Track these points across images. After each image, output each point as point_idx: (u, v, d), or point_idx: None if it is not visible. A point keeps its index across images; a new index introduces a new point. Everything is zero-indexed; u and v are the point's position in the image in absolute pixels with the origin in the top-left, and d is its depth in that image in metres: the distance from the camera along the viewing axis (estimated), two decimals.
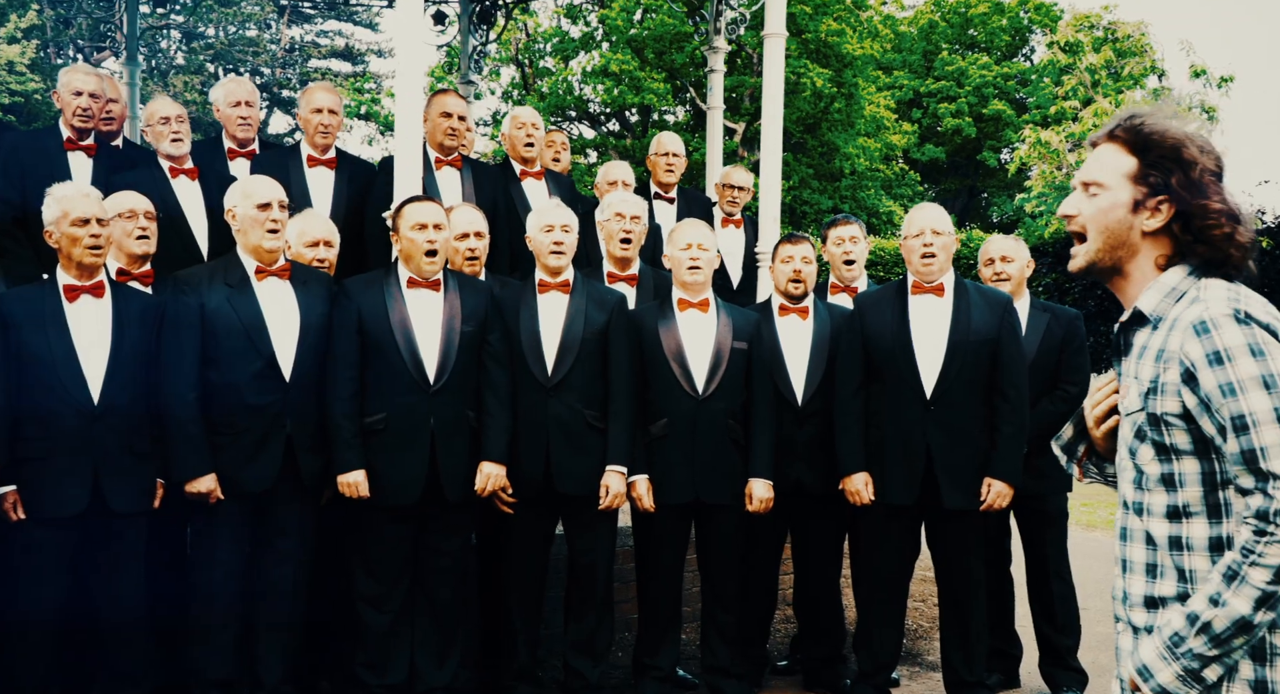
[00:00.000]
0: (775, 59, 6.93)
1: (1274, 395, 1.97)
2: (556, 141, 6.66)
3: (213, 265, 4.45)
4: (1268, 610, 1.98)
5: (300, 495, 4.49)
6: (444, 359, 4.55)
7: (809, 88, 23.74)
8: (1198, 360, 2.05)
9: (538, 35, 23.91)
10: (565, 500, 4.79)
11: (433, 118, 5.64)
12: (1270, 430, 1.97)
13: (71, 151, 5.25)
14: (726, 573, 5.01)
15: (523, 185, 5.95)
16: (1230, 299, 2.08)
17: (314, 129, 5.50)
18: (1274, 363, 1.99)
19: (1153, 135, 2.17)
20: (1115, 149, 2.22)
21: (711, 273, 4.99)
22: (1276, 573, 1.96)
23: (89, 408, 4.10)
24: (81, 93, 5.21)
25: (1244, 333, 2.02)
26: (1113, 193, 2.20)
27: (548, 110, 22.88)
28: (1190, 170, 2.14)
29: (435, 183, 5.60)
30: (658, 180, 6.58)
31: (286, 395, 4.39)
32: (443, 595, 4.70)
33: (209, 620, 4.39)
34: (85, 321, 4.14)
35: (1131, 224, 2.18)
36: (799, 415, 5.06)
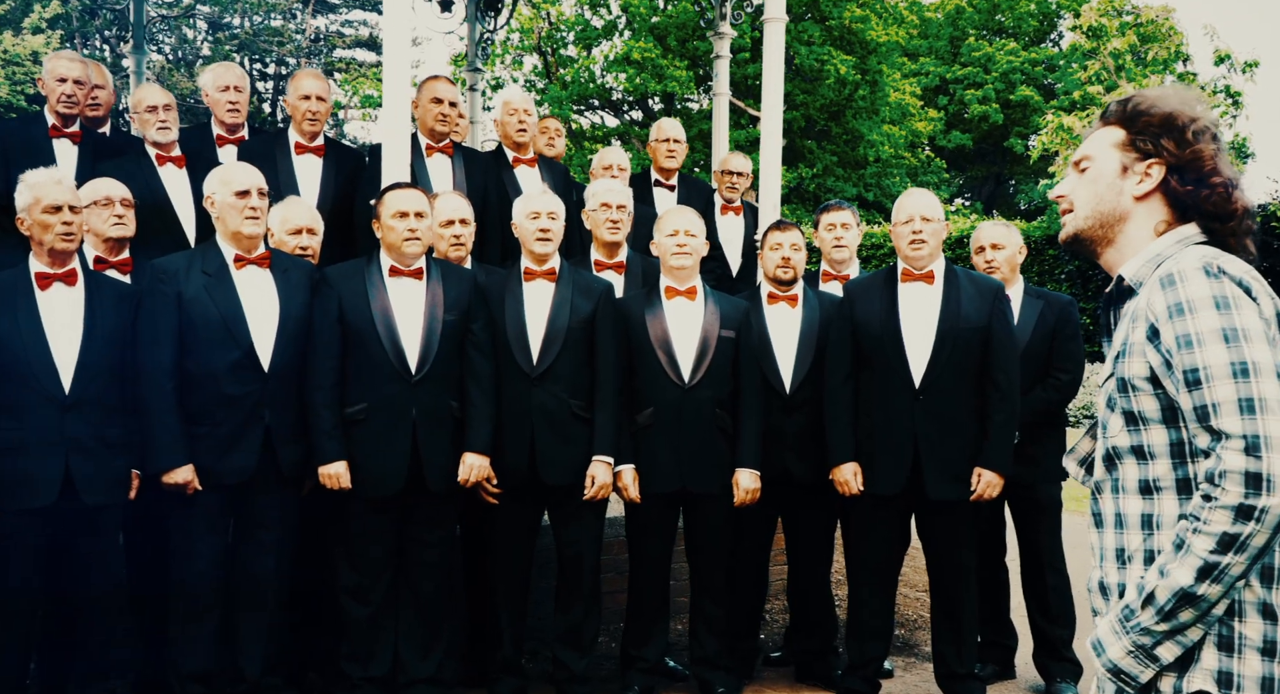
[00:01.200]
0: (775, 44, 6.85)
1: (1233, 349, 1.85)
2: (550, 127, 6.59)
3: (191, 253, 4.41)
4: (1213, 582, 1.84)
5: (280, 486, 4.44)
6: (426, 348, 4.50)
7: (833, 75, 23.61)
8: (1160, 313, 1.94)
9: (560, 24, 23.83)
10: (551, 491, 4.73)
11: (423, 104, 5.59)
12: (1224, 386, 1.84)
13: (56, 139, 5.23)
14: (714, 564, 4.94)
15: (515, 172, 5.89)
16: (1207, 255, 1.97)
17: (301, 116, 5.46)
18: (1239, 317, 1.87)
19: (1141, 109, 2.12)
20: (1108, 128, 2.17)
21: (699, 260, 4.92)
22: (1220, 540, 1.82)
23: (60, 397, 4.06)
24: (65, 79, 5.19)
25: (1211, 285, 1.90)
26: (1099, 162, 2.14)
27: (570, 98, 22.84)
28: (1184, 133, 2.06)
29: (425, 170, 5.56)
30: (658, 167, 6.51)
31: (265, 385, 4.34)
32: (426, 587, 4.66)
33: (188, 613, 4.36)
34: (57, 309, 4.10)
35: (1120, 188, 2.11)
36: (788, 404, 4.98)
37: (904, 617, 6.25)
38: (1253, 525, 1.80)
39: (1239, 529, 1.81)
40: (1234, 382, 1.83)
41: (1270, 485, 1.79)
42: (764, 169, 6.65)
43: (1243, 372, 1.83)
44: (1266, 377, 1.84)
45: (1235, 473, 1.81)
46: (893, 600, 5.01)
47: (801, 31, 23.68)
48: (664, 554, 4.93)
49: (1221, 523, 1.82)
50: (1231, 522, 1.81)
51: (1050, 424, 5.10)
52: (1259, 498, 1.79)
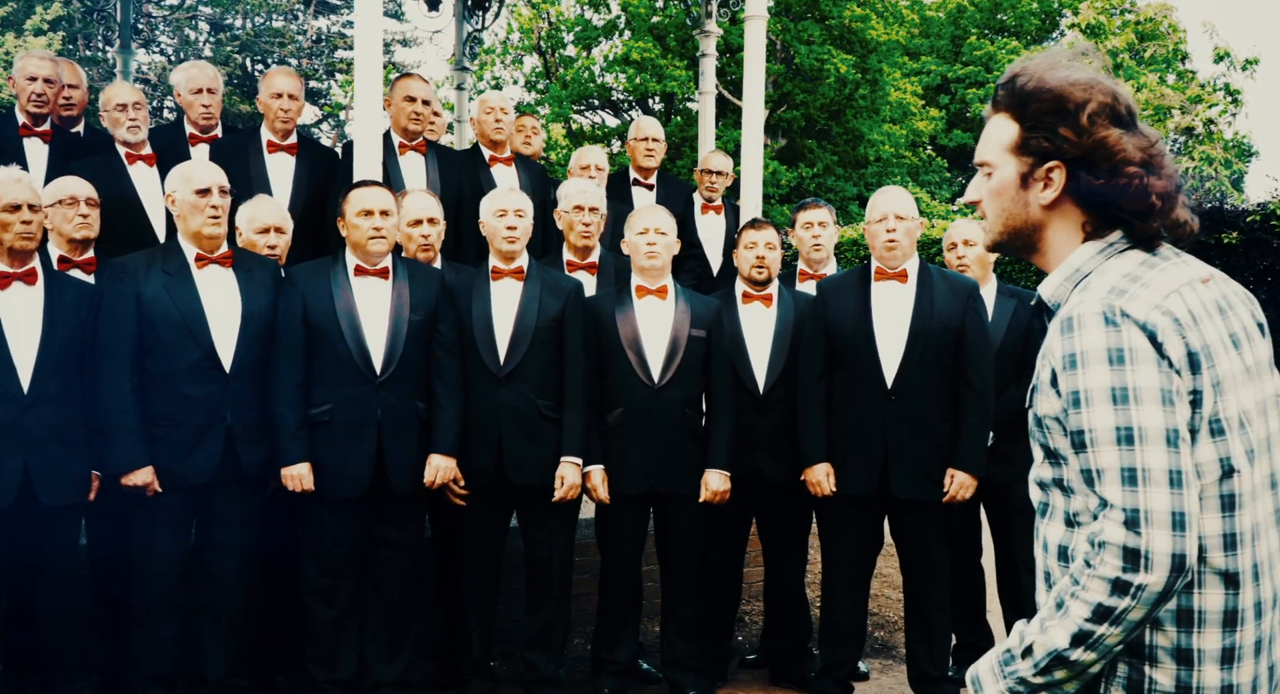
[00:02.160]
0: (756, 41, 6.78)
1: (1120, 412, 1.71)
2: (527, 126, 6.56)
3: (151, 252, 4.37)
4: (1087, 649, 1.74)
5: (243, 487, 4.40)
6: (391, 349, 4.46)
7: (833, 74, 23.51)
8: (1058, 362, 1.80)
9: (560, 24, 23.81)
10: (520, 492, 4.69)
11: (396, 102, 5.57)
12: (1107, 452, 1.72)
13: (27, 138, 5.21)
14: (684, 565, 4.89)
15: (492, 171, 5.86)
16: (1113, 291, 1.79)
17: (274, 114, 5.43)
18: (1132, 375, 1.72)
19: (1030, 92, 1.88)
20: (1000, 118, 1.94)
21: (670, 259, 4.88)
22: (1095, 610, 1.72)
23: (18, 397, 4.02)
24: (36, 78, 5.17)
25: (1108, 335, 1.74)
26: (1000, 170, 1.94)
27: (570, 98, 22.80)
28: (1078, 116, 1.84)
29: (399, 168, 5.53)
30: (637, 165, 6.47)
31: (226, 386, 4.30)
32: (393, 590, 4.61)
33: (149, 614, 4.32)
34: (16, 309, 4.07)
35: (1025, 201, 1.92)
36: (760, 404, 4.93)
37: (884, 618, 6.20)
38: (1128, 601, 1.70)
39: (1114, 603, 1.71)
40: (1118, 449, 1.71)
41: (1148, 563, 1.69)
42: (745, 168, 6.59)
43: (1127, 438, 1.71)
44: (1153, 444, 1.71)
45: (1114, 545, 1.71)
46: (865, 601, 4.96)
47: (801, 31, 23.61)
48: (634, 556, 4.88)
49: (1098, 593, 1.72)
50: (1107, 594, 1.71)
51: (1025, 424, 5.03)
52: (1135, 574, 1.69)
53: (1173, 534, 1.68)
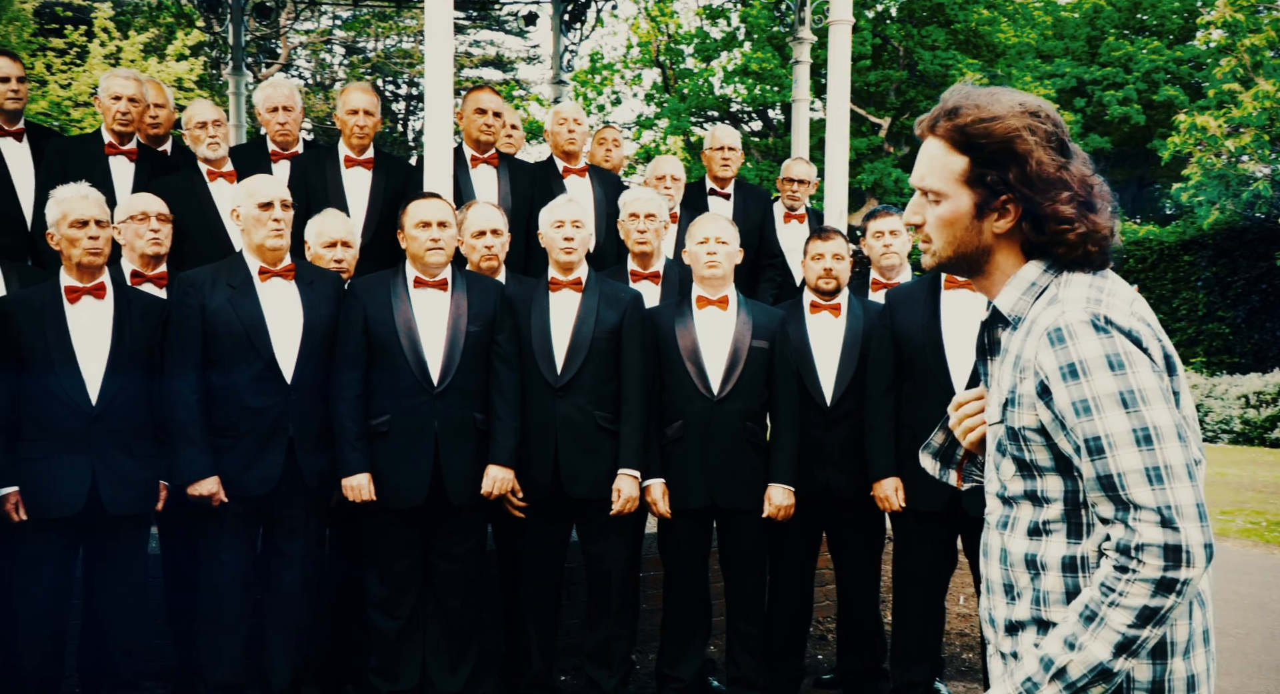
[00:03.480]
0: (841, 46, 6.68)
1: (1133, 415, 1.75)
2: (608, 138, 6.54)
3: (218, 266, 4.46)
4: (1129, 657, 1.76)
5: (306, 498, 4.45)
6: (448, 360, 4.47)
7: (958, 79, 23.02)
8: (1051, 373, 1.82)
9: (679, 37, 23.84)
10: (578, 505, 4.66)
11: (467, 115, 5.60)
12: (1128, 454, 1.74)
13: (113, 156, 5.38)
14: (747, 581, 4.80)
15: (565, 182, 5.85)
16: (1090, 301, 1.84)
17: (350, 130, 5.52)
18: (1134, 377, 1.76)
19: (978, 132, 1.90)
20: (942, 147, 1.95)
21: (732, 268, 4.80)
22: (1140, 614, 1.73)
23: (87, 409, 4.14)
24: (120, 98, 5.33)
25: (1102, 343, 1.78)
26: (952, 200, 1.96)
27: (688, 110, 22.80)
28: (1026, 165, 1.88)
29: (470, 180, 5.57)
30: (713, 175, 6.40)
31: (288, 397, 4.36)
32: (453, 601, 4.62)
33: (215, 622, 4.40)
34: (85, 323, 4.19)
35: (979, 229, 1.96)
36: (828, 417, 4.81)
37: (975, 640, 5.96)
38: (1173, 598, 1.73)
39: (1160, 602, 1.73)
40: (1138, 450, 1.74)
41: (1189, 557, 1.72)
42: (829, 176, 6.46)
43: (1145, 439, 1.74)
44: (1169, 441, 1.75)
45: (1154, 546, 1.72)
46: (939, 621, 4.78)
47: (925, 36, 23.19)
48: (697, 571, 4.80)
49: (1141, 597, 1.73)
50: (1152, 595, 1.73)
51: None
52: (1178, 570, 1.72)
53: (1201, 525, 1.72)
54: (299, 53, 28.76)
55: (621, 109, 24.09)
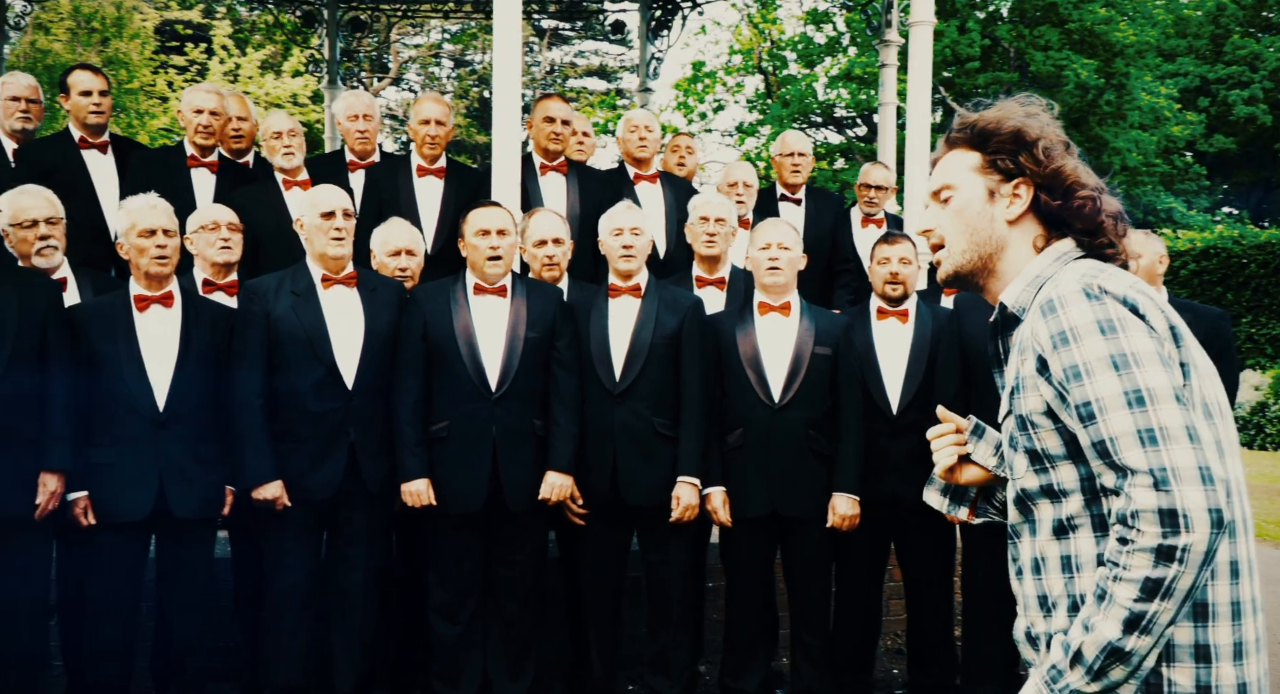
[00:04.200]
0: (922, 48, 6.55)
1: (1124, 376, 1.69)
2: (681, 145, 6.51)
3: (282, 274, 4.54)
4: (1141, 634, 1.66)
5: (368, 503, 4.50)
6: (506, 366, 4.49)
7: (1072, 80, 22.43)
8: (1044, 343, 1.79)
9: (781, 43, 23.69)
10: (637, 512, 4.63)
11: (536, 123, 5.63)
12: (1119, 417, 1.68)
13: (195, 168, 5.52)
14: (811, 592, 4.72)
15: (636, 189, 5.83)
16: (1086, 275, 1.82)
17: (422, 140, 5.58)
18: (1127, 341, 1.71)
19: (988, 127, 1.98)
20: (957, 151, 2.03)
21: (794, 274, 4.72)
22: (1143, 587, 1.64)
23: (154, 414, 4.24)
24: (202, 111, 5.48)
25: (1093, 308, 1.75)
26: (964, 190, 2.00)
27: (791, 116, 22.62)
28: (1035, 148, 1.93)
29: (539, 188, 5.59)
30: (783, 181, 6.31)
31: (349, 403, 4.42)
32: (514, 607, 4.63)
33: (279, 625, 4.47)
34: (153, 330, 4.30)
35: (992, 215, 1.98)
36: (895, 425, 4.71)
37: None
38: (1176, 567, 1.63)
39: (1162, 572, 1.63)
40: (1129, 412, 1.68)
41: (1188, 521, 1.62)
42: (909, 179, 6.33)
43: (1138, 400, 1.68)
44: (1164, 402, 1.68)
45: (1148, 512, 1.64)
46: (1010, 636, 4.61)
47: (1037, 36, 22.64)
48: (759, 580, 4.73)
49: (1143, 568, 1.64)
50: (1153, 565, 1.63)
51: None
52: (1177, 536, 1.62)
53: (1204, 488, 1.63)
54: (409, 66, 29.34)
55: (723, 116, 23.98)
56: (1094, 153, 23.81)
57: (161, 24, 23.58)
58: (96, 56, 21.93)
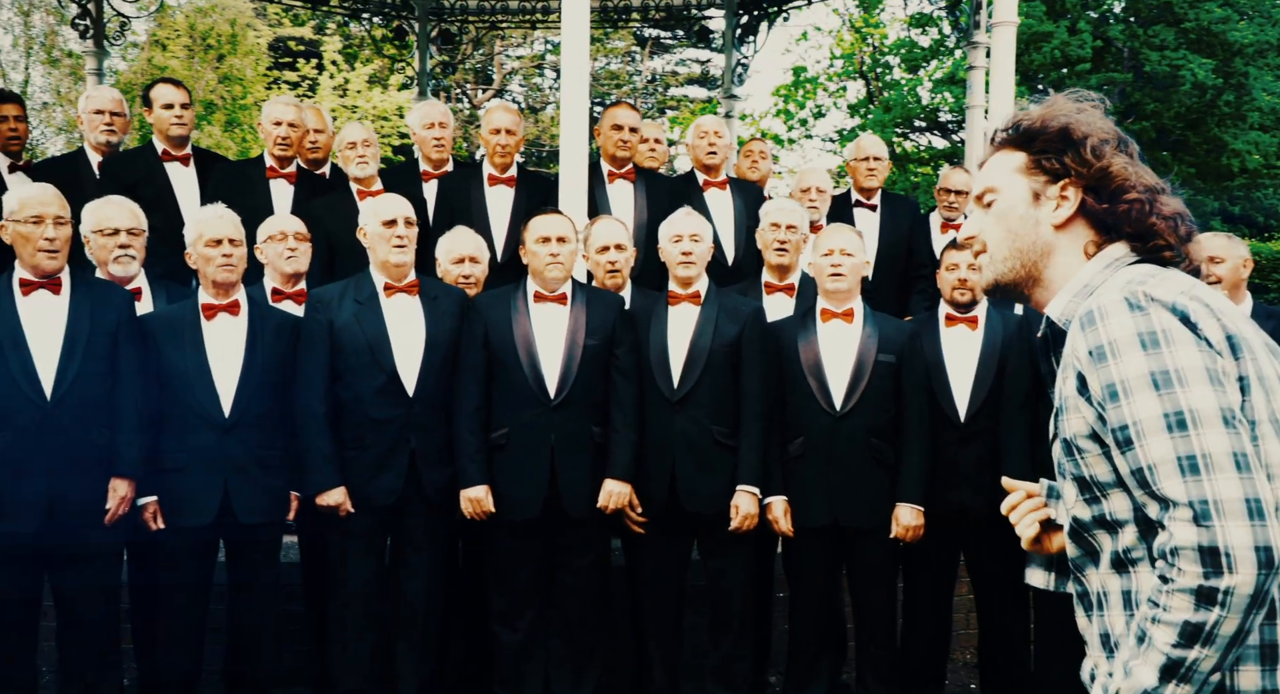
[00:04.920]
0: (1005, 49, 6.40)
1: (1165, 397, 1.54)
2: (755, 150, 6.45)
3: (346, 282, 4.61)
4: (1180, 683, 1.52)
5: (429, 510, 4.54)
6: (565, 373, 4.49)
7: (1189, 80, 21.66)
8: (1083, 359, 1.64)
9: (884, 48, 23.39)
10: (697, 521, 4.59)
11: (605, 130, 5.63)
12: (1158, 442, 1.53)
13: (273, 179, 5.65)
14: (875, 603, 4.63)
15: (705, 196, 5.80)
16: (1132, 282, 1.67)
17: (493, 149, 5.63)
18: (1171, 356, 1.56)
19: (1033, 126, 1.85)
20: (1002, 153, 1.91)
21: (858, 281, 4.64)
22: (1182, 632, 1.51)
23: (220, 421, 4.33)
24: (280, 123, 5.60)
25: (1135, 320, 1.59)
26: (1006, 192, 1.87)
27: (893, 122, 22.29)
28: (1082, 147, 1.79)
29: (606, 196, 5.59)
30: (858, 186, 6.21)
31: (410, 410, 4.45)
32: (575, 614, 4.62)
33: (344, 631, 4.52)
34: (220, 338, 4.38)
35: (1036, 219, 1.84)
36: (962, 434, 4.59)
37: None
38: (1217, 612, 1.49)
39: (1203, 617, 1.50)
40: (1169, 436, 1.52)
41: (1230, 561, 1.48)
42: None
43: (1179, 423, 1.52)
44: (1209, 426, 1.52)
45: (1188, 549, 1.50)
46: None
47: (1152, 36, 21.93)
48: (821, 592, 4.65)
49: (1182, 610, 1.51)
50: (1193, 608, 1.50)
51: None
52: (1220, 578, 1.48)
53: (1251, 524, 1.48)
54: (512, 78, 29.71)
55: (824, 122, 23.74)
56: (1212, 154, 22.99)
57: (275, 41, 24.29)
58: (212, 73, 22.69)
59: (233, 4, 23.18)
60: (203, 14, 22.59)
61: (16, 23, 21.90)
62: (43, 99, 22.75)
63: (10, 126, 5.85)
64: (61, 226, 4.17)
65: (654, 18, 9.56)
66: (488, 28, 10.44)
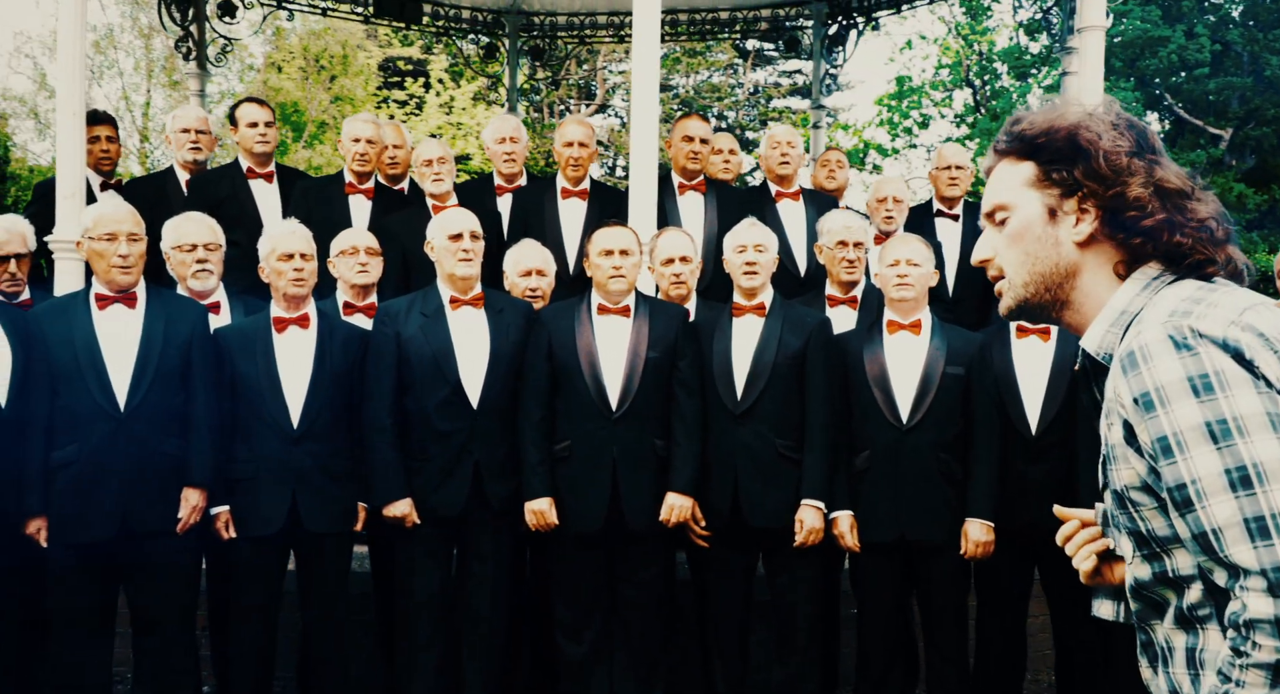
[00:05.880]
0: (1094, 53, 6.23)
1: (1225, 451, 1.40)
2: (831, 160, 6.36)
3: (414, 295, 4.66)
4: None
5: (495, 521, 4.56)
6: (627, 385, 4.48)
7: None
8: (1129, 407, 1.50)
9: (993, 55, 22.94)
10: (761, 535, 4.53)
11: (675, 142, 5.63)
12: (1222, 504, 1.40)
13: (352, 195, 5.75)
14: (945, 621, 4.52)
15: (778, 207, 5.74)
16: (1175, 314, 1.51)
17: (565, 162, 5.66)
18: (1227, 402, 1.41)
19: (1039, 132, 1.68)
20: (1007, 163, 1.73)
21: (925, 291, 4.54)
22: None
23: (289, 432, 4.41)
24: (359, 140, 5.71)
25: (1183, 361, 1.44)
26: (1019, 209, 1.69)
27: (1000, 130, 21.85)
28: (1093, 158, 1.62)
29: (676, 207, 5.58)
30: (940, 195, 6.07)
31: (474, 422, 4.48)
32: (638, 628, 4.60)
33: (411, 641, 4.56)
34: (290, 350, 4.47)
35: (1056, 239, 1.66)
36: (1033, 448, 4.45)
37: None
38: None
39: None
40: (1234, 496, 1.39)
41: None
42: None
43: (1243, 480, 1.39)
44: (1275, 481, 1.38)
45: (1264, 622, 1.38)
46: None
47: (1272, 40, 21.12)
48: (889, 608, 4.55)
49: (1256, 687, 1.39)
50: (1269, 686, 1.39)
51: None
52: None
53: None
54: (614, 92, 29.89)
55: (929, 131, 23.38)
56: None
57: (384, 61, 24.84)
58: (325, 93, 23.31)
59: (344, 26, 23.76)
60: (316, 36, 23.20)
61: (138, 46, 22.80)
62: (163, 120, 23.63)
63: (102, 147, 6.08)
64: (135, 243, 4.31)
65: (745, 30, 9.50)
66: (577, 42, 10.52)
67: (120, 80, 23.59)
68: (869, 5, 9.15)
